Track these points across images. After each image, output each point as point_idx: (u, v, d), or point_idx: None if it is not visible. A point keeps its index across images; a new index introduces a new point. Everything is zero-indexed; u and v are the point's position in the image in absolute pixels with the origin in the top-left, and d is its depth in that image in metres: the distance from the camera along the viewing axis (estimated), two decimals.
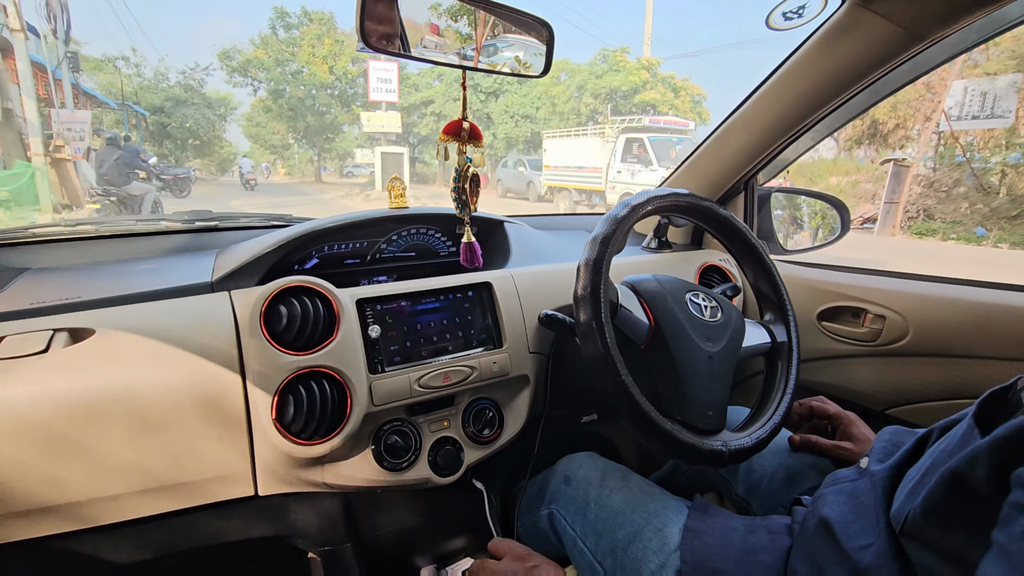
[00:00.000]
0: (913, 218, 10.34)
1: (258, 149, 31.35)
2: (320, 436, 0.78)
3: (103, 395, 0.69)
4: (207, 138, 24.31)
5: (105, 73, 21.24)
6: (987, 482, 0.38)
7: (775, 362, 0.91)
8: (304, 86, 22.10)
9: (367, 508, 0.99)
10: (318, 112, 23.60)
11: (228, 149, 29.79)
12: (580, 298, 0.75)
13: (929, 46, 0.87)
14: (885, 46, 0.88)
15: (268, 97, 23.23)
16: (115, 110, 18.41)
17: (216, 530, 0.90)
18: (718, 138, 1.25)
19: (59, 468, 0.68)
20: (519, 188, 16.98)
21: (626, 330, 0.82)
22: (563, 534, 0.87)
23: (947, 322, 1.01)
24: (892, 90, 1.04)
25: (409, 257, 1.23)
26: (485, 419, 0.96)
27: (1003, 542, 0.36)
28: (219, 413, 0.76)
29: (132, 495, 0.74)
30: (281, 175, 32.99)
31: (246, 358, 0.77)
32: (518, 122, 21.81)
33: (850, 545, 0.52)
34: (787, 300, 0.92)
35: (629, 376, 0.71)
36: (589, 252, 0.77)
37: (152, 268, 1.00)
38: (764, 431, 0.79)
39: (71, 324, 0.74)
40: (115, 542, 0.83)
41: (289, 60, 21.76)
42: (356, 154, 27.53)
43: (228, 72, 22.45)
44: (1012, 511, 0.36)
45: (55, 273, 0.95)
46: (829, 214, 1.46)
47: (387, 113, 16.47)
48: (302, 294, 0.83)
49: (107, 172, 8.63)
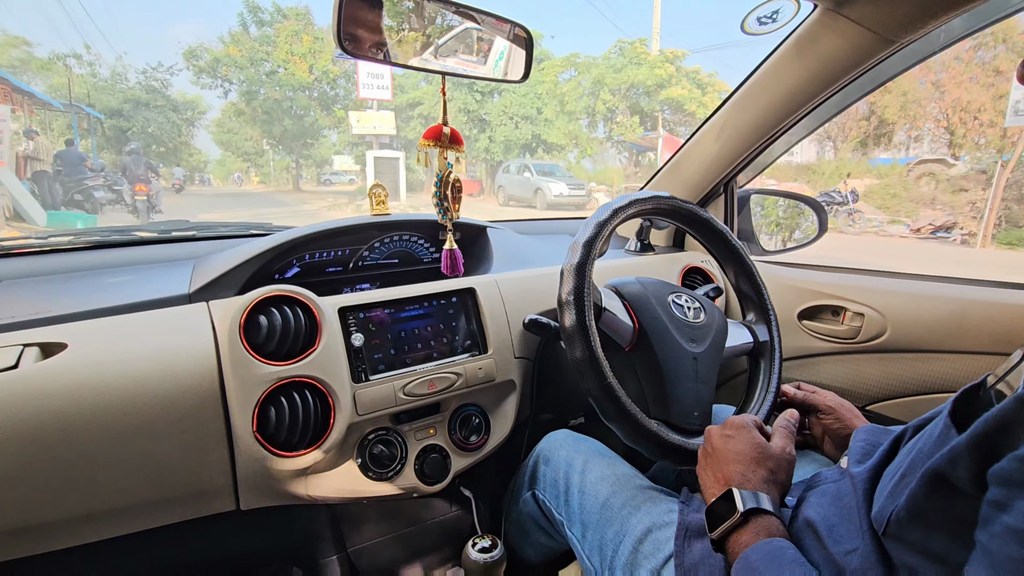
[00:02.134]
0: (996, 225, 8.95)
1: (230, 157, 28.75)
2: (303, 447, 0.77)
3: (76, 411, 0.67)
4: (172, 144, 21.86)
5: (55, 74, 18.79)
6: (968, 482, 0.38)
7: (758, 361, 0.92)
8: (280, 87, 19.84)
9: (353, 519, 0.98)
10: (296, 116, 21.42)
11: (198, 157, 27.59)
12: (564, 302, 0.75)
13: (899, 50, 0.90)
14: (857, 50, 0.90)
15: (240, 100, 20.87)
16: (62, 112, 16.04)
17: (198, 547, 0.88)
18: (697, 141, 1.26)
19: (31, 487, 0.66)
20: (524, 195, 15.34)
21: (610, 332, 0.82)
22: (550, 516, 0.86)
23: (923, 318, 1.03)
24: (863, 94, 1.06)
25: (392, 264, 1.23)
26: (472, 426, 0.96)
27: (984, 542, 0.36)
28: (198, 427, 0.74)
29: (109, 513, 0.72)
30: (255, 184, 30.28)
31: (225, 370, 0.76)
32: (518, 124, 19.41)
33: (836, 549, 0.52)
34: (768, 300, 0.93)
35: (615, 379, 0.71)
36: (572, 256, 0.77)
37: (127, 280, 0.97)
38: None
39: (42, 339, 0.72)
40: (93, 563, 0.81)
41: (263, 60, 19.53)
42: (334, 161, 26.33)
43: (195, 72, 19.95)
44: (990, 510, 0.36)
45: (25, 285, 0.93)
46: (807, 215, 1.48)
47: (379, 113, 15.17)
48: (283, 303, 0.82)
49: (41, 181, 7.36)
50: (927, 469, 0.42)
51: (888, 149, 13.16)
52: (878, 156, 13.82)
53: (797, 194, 1.51)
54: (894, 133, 12.22)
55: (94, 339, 0.73)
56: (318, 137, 23.85)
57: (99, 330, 0.75)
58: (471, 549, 0.78)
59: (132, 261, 1.09)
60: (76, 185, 8.41)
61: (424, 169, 0.84)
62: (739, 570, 0.53)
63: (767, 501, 0.57)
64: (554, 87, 19.19)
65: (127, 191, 9.22)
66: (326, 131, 23.83)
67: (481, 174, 21.32)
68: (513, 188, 15.86)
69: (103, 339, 0.74)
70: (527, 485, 0.93)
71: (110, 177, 9.57)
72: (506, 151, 19.63)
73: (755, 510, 0.56)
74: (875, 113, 13.00)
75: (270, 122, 21.23)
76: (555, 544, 0.92)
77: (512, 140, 19.47)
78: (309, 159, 25.96)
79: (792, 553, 0.52)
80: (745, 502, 0.57)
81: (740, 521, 0.56)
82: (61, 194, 8.52)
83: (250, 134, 23.88)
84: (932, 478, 0.41)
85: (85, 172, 8.54)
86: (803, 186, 12.24)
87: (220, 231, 1.23)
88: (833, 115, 1.14)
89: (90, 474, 0.69)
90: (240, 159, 27.70)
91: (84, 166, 8.76)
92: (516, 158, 18.83)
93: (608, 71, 18.15)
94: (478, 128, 19.82)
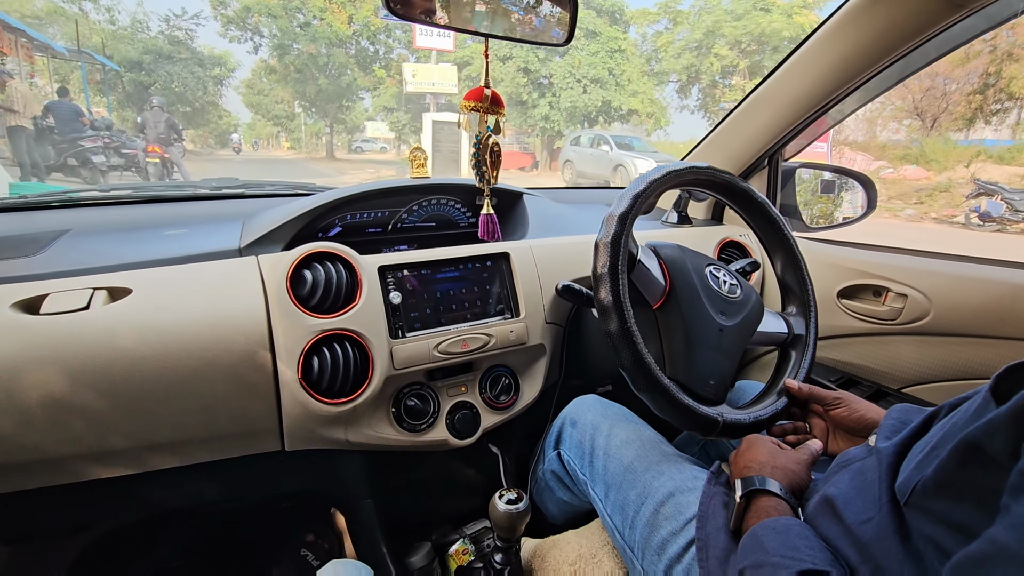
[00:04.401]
0: None
1: (260, 121, 26.75)
2: (343, 396, 0.82)
3: (140, 350, 0.73)
4: (199, 104, 19.99)
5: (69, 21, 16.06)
6: (1005, 454, 0.38)
7: (788, 352, 0.91)
8: (316, 41, 17.35)
9: (386, 467, 1.03)
10: (332, 74, 18.77)
11: (227, 120, 25.46)
12: (599, 276, 0.75)
13: (967, 15, 0.84)
14: (922, 15, 0.85)
15: (272, 55, 18.47)
16: (67, 60, 13.39)
17: (245, 483, 0.95)
18: (743, 111, 1.22)
19: (105, 417, 0.73)
20: (599, 172, 12.81)
21: (640, 286, 0.82)
22: (574, 476, 0.89)
23: (970, 302, 0.99)
24: (926, 63, 1.00)
25: (429, 227, 1.25)
26: (502, 386, 0.99)
27: (1010, 505, 0.36)
28: (248, 372, 0.79)
29: (168, 445, 0.79)
30: (285, 150, 28.03)
31: (273, 320, 0.80)
32: (587, 87, 15.87)
33: (851, 520, 0.52)
34: (812, 295, 0.91)
35: (646, 348, 0.73)
36: (607, 229, 0.76)
37: (183, 233, 1.03)
38: (764, 412, 0.79)
39: (110, 284, 0.78)
40: (150, 490, 0.89)
41: (298, 8, 17.19)
42: (367, 127, 24.50)
43: (223, 23, 17.75)
44: (1021, 479, 0.35)
45: (93, 235, 0.99)
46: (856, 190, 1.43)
47: (438, 67, 13.12)
48: (326, 259, 0.86)
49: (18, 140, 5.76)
50: (961, 439, 0.41)
51: (999, 129, 11.21)
52: (983, 136, 11.66)
53: (846, 168, 1.45)
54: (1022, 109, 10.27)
55: (155, 286, 0.79)
56: (355, 100, 21.68)
57: (160, 278, 0.81)
58: (498, 500, 0.81)
59: (185, 216, 1.15)
60: (70, 146, 6.66)
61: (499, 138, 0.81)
62: (746, 543, 0.56)
63: (776, 485, 0.61)
64: (646, 40, 15.74)
65: (142, 153, 7.62)
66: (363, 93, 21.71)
67: (535, 146, 18.63)
68: (585, 164, 13.36)
69: (163, 286, 0.79)
70: (553, 445, 0.96)
71: (116, 138, 7.74)
72: (569, 120, 16.72)
73: (761, 491, 0.60)
74: (994, 86, 10.99)
75: (303, 81, 18.95)
76: (577, 503, 0.95)
77: (579, 106, 16.12)
78: (342, 124, 23.60)
79: (799, 529, 0.54)
80: (752, 483, 0.61)
81: (744, 503, 0.60)
82: (53, 156, 6.74)
83: (281, 95, 21.88)
84: (966, 448, 0.41)
85: (82, 130, 6.73)
86: (920, 170, 10.89)
87: (267, 189, 1.28)
88: (891, 85, 1.08)
89: (152, 409, 0.75)
90: (270, 123, 25.57)
91: (80, 122, 6.89)
92: (574, 129, 16.45)
93: (726, 19, 14.50)
94: (538, 92, 16.93)
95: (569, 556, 0.82)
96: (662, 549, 0.70)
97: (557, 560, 0.82)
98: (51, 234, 0.95)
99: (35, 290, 0.74)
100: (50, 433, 0.71)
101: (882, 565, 0.47)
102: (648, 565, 0.72)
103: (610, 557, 0.81)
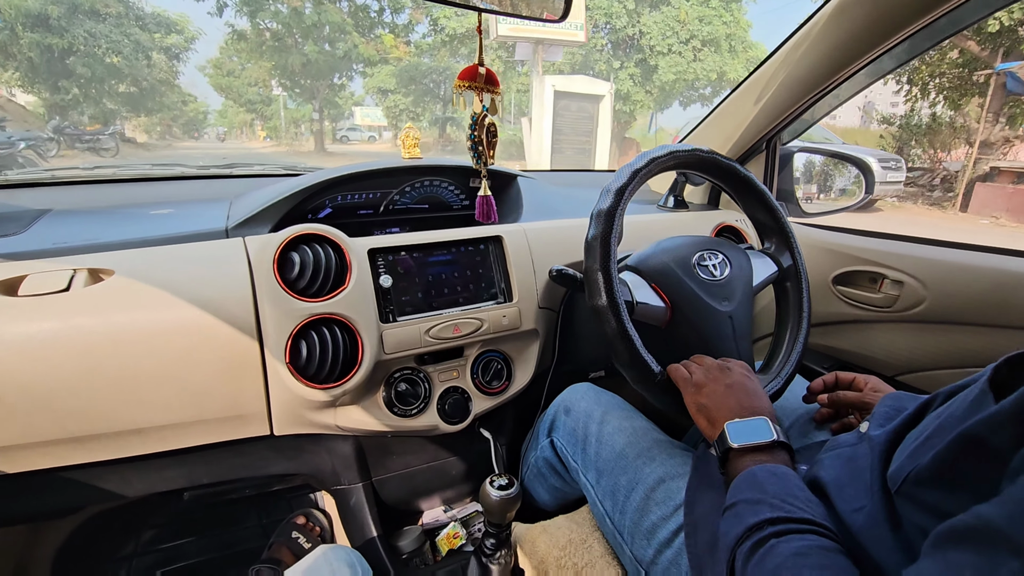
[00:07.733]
0: None
1: (232, 107, 20.99)
2: (332, 381, 0.80)
3: (122, 334, 0.72)
4: (146, 84, 14.67)
5: None
6: (1011, 449, 0.37)
7: (785, 288, 0.90)
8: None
9: (377, 451, 1.03)
10: (322, 40, 13.94)
11: (193, 106, 20.57)
12: (589, 246, 0.75)
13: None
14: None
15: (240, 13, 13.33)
16: None
17: (234, 466, 0.94)
18: (741, 94, 1.20)
19: (88, 400, 0.71)
20: None
21: (648, 320, 0.82)
22: (566, 462, 0.89)
23: (966, 290, 0.99)
24: (931, 44, 0.98)
25: (422, 209, 1.23)
26: (494, 371, 0.98)
27: (1007, 488, 0.35)
28: (235, 355, 0.78)
29: (154, 429, 0.78)
30: (260, 141, 22.17)
31: (260, 303, 0.79)
32: (697, 53, 11.58)
33: (843, 508, 0.52)
34: (786, 223, 0.90)
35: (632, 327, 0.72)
36: (603, 201, 0.76)
37: (168, 213, 1.01)
38: (776, 384, 0.81)
39: (91, 264, 0.76)
40: (138, 473, 0.88)
41: None
42: (355, 113, 20.31)
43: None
44: (1022, 462, 0.35)
45: (75, 215, 0.97)
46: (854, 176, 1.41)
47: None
48: (315, 242, 0.84)
49: None
50: (960, 433, 0.41)
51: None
52: None
53: (844, 153, 1.42)
54: None
55: (139, 266, 0.77)
56: (352, 75, 16.38)
57: (143, 258, 0.79)
58: (489, 486, 0.81)
59: (170, 196, 1.12)
60: None
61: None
62: (741, 481, 0.55)
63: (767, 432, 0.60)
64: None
65: None
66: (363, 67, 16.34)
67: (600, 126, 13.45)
68: None
69: (147, 267, 0.77)
70: (546, 432, 0.96)
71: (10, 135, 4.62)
72: (661, 97, 12.00)
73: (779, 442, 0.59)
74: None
75: (283, 50, 13.96)
76: (569, 490, 0.95)
77: (687, 78, 11.63)
78: (335, 108, 18.67)
79: (796, 480, 0.54)
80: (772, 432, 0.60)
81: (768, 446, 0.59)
82: None
83: (255, 75, 16.50)
84: (966, 442, 0.40)
85: None
86: None
87: (255, 169, 1.25)
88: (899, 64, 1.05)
89: (137, 392, 0.74)
90: (244, 110, 20.33)
91: None
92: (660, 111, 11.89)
93: None
94: (624, 54, 12.42)
95: (559, 541, 0.82)
96: (651, 534, 0.70)
97: (547, 545, 0.82)
98: (32, 213, 0.93)
99: (13, 271, 0.72)
100: (31, 416, 0.69)
101: (872, 553, 0.47)
102: (637, 550, 0.72)
103: (600, 542, 0.81)
